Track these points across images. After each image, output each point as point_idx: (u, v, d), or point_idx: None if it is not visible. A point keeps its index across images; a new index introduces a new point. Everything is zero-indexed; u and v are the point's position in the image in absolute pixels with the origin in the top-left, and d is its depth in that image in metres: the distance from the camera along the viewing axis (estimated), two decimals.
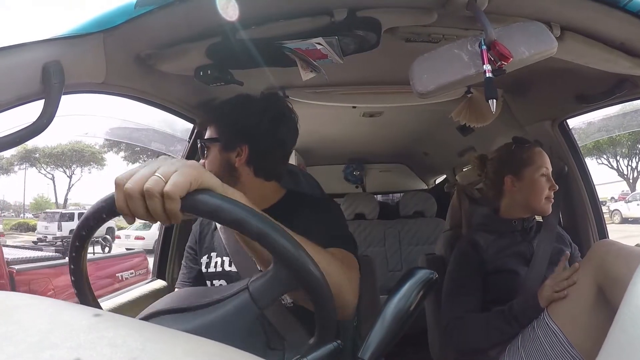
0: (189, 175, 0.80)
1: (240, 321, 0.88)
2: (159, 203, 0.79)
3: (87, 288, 1.00)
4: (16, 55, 1.15)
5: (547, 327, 1.84)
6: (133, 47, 1.52)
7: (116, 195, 0.81)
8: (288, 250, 0.80)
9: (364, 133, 4.00)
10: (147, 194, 0.79)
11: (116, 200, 0.81)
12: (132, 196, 0.79)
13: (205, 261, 1.69)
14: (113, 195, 0.82)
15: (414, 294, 0.99)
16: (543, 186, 2.22)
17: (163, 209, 0.80)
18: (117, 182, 0.81)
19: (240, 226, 0.79)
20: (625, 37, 1.61)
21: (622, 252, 1.75)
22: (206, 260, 1.69)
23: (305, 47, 1.51)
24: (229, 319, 0.88)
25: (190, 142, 2.51)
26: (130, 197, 0.80)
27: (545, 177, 2.22)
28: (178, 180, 0.78)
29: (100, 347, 0.47)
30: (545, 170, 2.23)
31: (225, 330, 0.86)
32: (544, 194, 2.22)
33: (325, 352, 0.83)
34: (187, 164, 0.82)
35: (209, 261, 1.68)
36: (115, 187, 0.81)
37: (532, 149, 2.27)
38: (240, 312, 0.88)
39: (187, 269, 1.74)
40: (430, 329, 2.61)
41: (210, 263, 1.68)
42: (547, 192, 2.22)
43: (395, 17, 1.51)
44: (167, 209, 0.79)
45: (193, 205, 0.79)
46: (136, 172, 0.82)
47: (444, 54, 1.29)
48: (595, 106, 2.29)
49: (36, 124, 1.18)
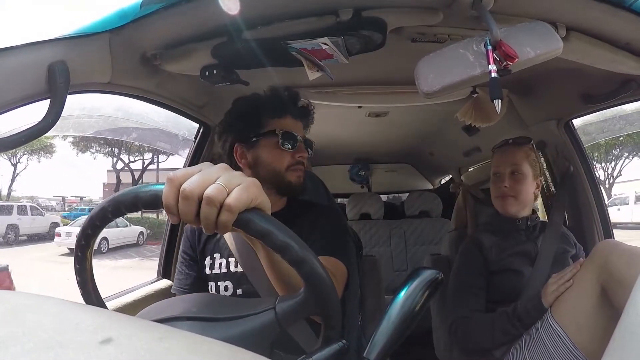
0: (252, 193, 0.80)
1: (261, 338, 0.89)
2: (215, 212, 0.78)
3: (92, 288, 1.00)
4: (22, 55, 1.16)
5: (550, 328, 1.84)
6: (139, 47, 1.53)
7: (166, 192, 0.80)
8: (323, 280, 0.83)
9: (369, 133, 3.99)
10: (207, 200, 0.78)
11: (165, 196, 0.79)
12: (189, 198, 0.78)
13: (209, 263, 1.69)
14: (151, 190, 0.81)
15: (420, 294, 0.99)
16: (494, 185, 2.32)
17: (216, 218, 0.79)
18: (171, 179, 0.80)
19: (283, 251, 0.80)
20: (630, 37, 1.60)
21: (625, 252, 1.74)
22: (209, 262, 1.70)
23: (311, 47, 1.51)
24: (249, 334, 0.90)
25: (196, 142, 2.52)
26: (185, 198, 0.78)
27: (496, 177, 2.31)
28: (242, 196, 0.78)
29: (107, 346, 0.47)
30: (496, 170, 2.31)
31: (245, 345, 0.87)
32: (494, 194, 2.32)
33: (330, 352, 0.83)
34: (251, 181, 0.82)
35: (213, 262, 1.69)
36: (167, 183, 0.80)
37: (496, 151, 2.38)
38: (264, 330, 0.90)
39: (183, 274, 1.74)
40: (436, 328, 2.61)
41: (214, 264, 1.68)
42: (497, 191, 2.29)
43: (401, 17, 1.51)
44: (221, 220, 0.79)
45: (246, 224, 0.80)
46: (194, 174, 0.80)
47: (449, 54, 1.29)
48: (601, 106, 2.28)
49: (42, 123, 1.18)
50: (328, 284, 0.84)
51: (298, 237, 0.83)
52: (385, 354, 0.95)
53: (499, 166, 2.29)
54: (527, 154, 2.27)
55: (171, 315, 0.97)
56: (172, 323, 0.94)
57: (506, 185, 2.23)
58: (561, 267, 2.09)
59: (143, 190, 0.82)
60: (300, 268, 0.82)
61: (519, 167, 2.23)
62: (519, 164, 2.24)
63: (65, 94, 1.22)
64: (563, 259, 2.18)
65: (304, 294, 0.88)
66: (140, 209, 0.84)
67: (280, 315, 0.89)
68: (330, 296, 0.86)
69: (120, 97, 1.73)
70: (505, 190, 2.23)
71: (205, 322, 0.94)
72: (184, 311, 0.97)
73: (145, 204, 0.81)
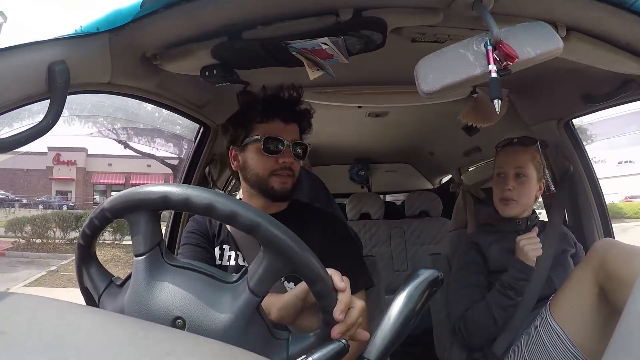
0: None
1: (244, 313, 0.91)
2: None
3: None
4: (22, 55, 1.15)
5: (549, 327, 1.85)
6: (139, 47, 1.53)
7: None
8: (278, 237, 0.90)
9: (369, 133, 4.00)
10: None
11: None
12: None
13: (218, 253, 1.71)
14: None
15: (420, 294, 0.99)
16: (497, 186, 2.28)
17: None
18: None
19: (232, 222, 0.89)
20: (631, 38, 1.60)
21: (623, 251, 1.75)
22: (219, 252, 1.71)
23: (311, 47, 1.51)
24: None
25: (196, 143, 2.52)
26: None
27: (500, 177, 2.27)
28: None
29: (107, 346, 0.47)
30: (500, 170, 2.27)
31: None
32: (497, 195, 2.28)
33: (330, 352, 0.83)
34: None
35: (222, 253, 1.71)
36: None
37: (500, 150, 2.35)
38: (244, 306, 0.91)
39: (192, 250, 1.70)
40: (436, 328, 2.61)
41: (224, 255, 1.70)
42: (501, 193, 2.26)
43: (401, 17, 1.51)
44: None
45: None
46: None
47: (449, 53, 1.29)
48: (601, 106, 2.28)
49: (42, 123, 1.18)
50: (285, 240, 0.89)
51: (244, 204, 0.90)
52: (386, 353, 0.95)
53: (503, 166, 2.26)
54: (533, 155, 2.25)
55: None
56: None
57: (510, 188, 2.20)
58: (561, 267, 2.11)
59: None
60: (256, 234, 0.88)
61: (524, 170, 2.21)
62: (524, 167, 2.22)
63: (66, 94, 1.22)
64: (563, 259, 2.18)
65: (266, 257, 0.91)
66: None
67: (253, 287, 0.91)
68: (292, 249, 0.90)
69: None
70: (508, 194, 2.21)
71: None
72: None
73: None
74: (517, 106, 2.64)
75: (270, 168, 1.67)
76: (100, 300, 1.01)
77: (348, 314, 0.95)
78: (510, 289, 2.00)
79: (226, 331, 0.87)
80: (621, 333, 1.16)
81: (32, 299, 0.58)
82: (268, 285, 0.92)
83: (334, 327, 0.93)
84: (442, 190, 5.13)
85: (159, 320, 0.88)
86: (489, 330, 2.04)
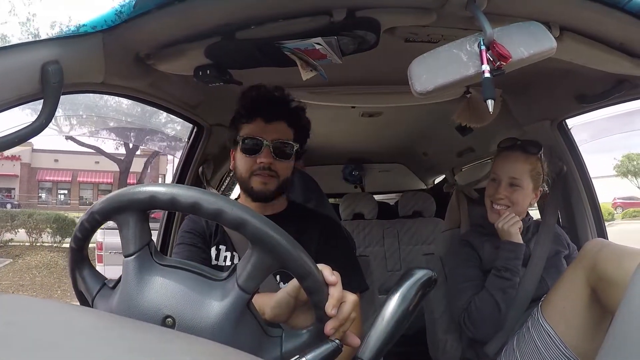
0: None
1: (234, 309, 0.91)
2: None
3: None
4: (15, 55, 1.15)
5: (541, 328, 1.86)
6: (132, 47, 1.52)
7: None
8: (267, 234, 0.89)
9: (363, 133, 4.00)
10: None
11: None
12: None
13: (214, 253, 1.71)
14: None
15: (413, 294, 0.99)
16: (490, 189, 2.27)
17: None
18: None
19: (218, 219, 0.90)
20: (624, 38, 1.61)
21: (614, 252, 1.76)
22: (215, 252, 1.71)
23: (305, 47, 1.51)
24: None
25: (189, 143, 2.52)
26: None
27: (494, 182, 2.26)
28: None
29: (100, 346, 0.47)
30: (495, 175, 2.26)
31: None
32: (488, 197, 2.28)
33: (324, 352, 0.83)
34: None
35: (218, 254, 1.70)
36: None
37: (500, 151, 2.33)
38: (233, 304, 0.91)
39: (187, 250, 1.70)
40: (429, 328, 2.61)
41: (220, 256, 1.70)
42: (492, 196, 2.25)
43: (394, 17, 1.51)
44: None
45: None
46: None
47: (443, 53, 1.29)
48: (594, 106, 2.29)
49: (36, 123, 1.18)
50: (273, 235, 0.89)
51: (230, 200, 0.91)
52: (379, 353, 0.95)
53: (497, 172, 2.25)
54: (533, 166, 2.22)
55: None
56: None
57: (501, 196, 2.19)
58: (554, 268, 2.12)
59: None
60: (243, 230, 0.88)
61: (518, 180, 2.19)
62: (519, 177, 2.19)
63: (59, 94, 1.22)
64: (556, 260, 2.19)
65: (254, 253, 0.91)
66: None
67: (242, 284, 0.91)
68: (280, 244, 0.89)
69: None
70: (499, 201, 2.21)
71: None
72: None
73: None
74: (511, 106, 2.64)
75: (250, 168, 1.68)
76: (93, 303, 1.01)
77: (340, 309, 0.94)
78: (505, 270, 2.03)
79: (216, 329, 0.87)
80: (615, 334, 1.16)
81: (23, 300, 0.58)
82: (257, 281, 0.91)
83: (327, 322, 0.91)
84: (435, 191, 5.14)
85: (149, 319, 0.87)
86: (493, 317, 2.04)
